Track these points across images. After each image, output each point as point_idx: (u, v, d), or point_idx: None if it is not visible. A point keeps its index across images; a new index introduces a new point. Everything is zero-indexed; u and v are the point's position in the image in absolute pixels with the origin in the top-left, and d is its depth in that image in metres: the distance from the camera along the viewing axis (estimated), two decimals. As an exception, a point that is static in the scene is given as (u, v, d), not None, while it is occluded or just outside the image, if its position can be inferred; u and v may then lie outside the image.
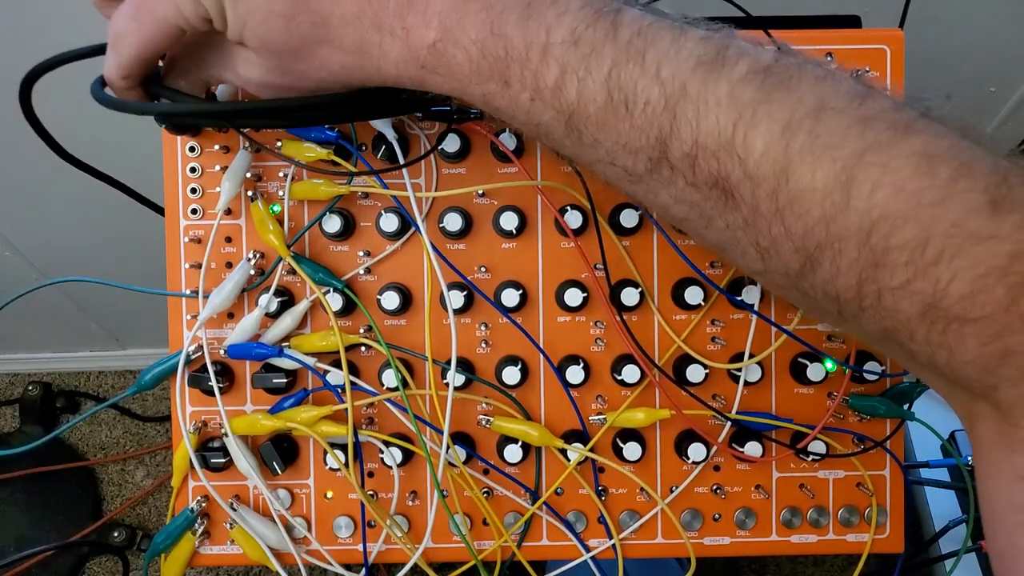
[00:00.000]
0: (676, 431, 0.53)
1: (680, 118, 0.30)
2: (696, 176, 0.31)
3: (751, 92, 0.29)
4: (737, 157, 0.30)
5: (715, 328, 0.52)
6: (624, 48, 0.31)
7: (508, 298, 0.50)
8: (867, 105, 0.29)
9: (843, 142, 0.28)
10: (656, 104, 0.30)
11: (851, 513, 0.53)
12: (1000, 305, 0.27)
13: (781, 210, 0.30)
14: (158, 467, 1.47)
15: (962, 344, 0.28)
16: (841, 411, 0.52)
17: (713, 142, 0.30)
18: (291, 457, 0.53)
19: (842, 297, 0.31)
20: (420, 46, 0.33)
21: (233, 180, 0.49)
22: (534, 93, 0.32)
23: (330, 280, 0.50)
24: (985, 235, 0.27)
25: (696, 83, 0.30)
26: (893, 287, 0.29)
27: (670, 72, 0.30)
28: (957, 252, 0.27)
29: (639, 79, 0.30)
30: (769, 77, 0.30)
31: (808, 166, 0.29)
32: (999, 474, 0.30)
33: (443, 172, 0.51)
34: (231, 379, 0.52)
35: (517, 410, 0.52)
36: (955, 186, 0.27)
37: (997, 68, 0.83)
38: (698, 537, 0.53)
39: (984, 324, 0.27)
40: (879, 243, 0.28)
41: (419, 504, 0.53)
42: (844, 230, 0.29)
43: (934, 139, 0.28)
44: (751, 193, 0.30)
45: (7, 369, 1.52)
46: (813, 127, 0.29)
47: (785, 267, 0.31)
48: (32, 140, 0.44)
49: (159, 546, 0.52)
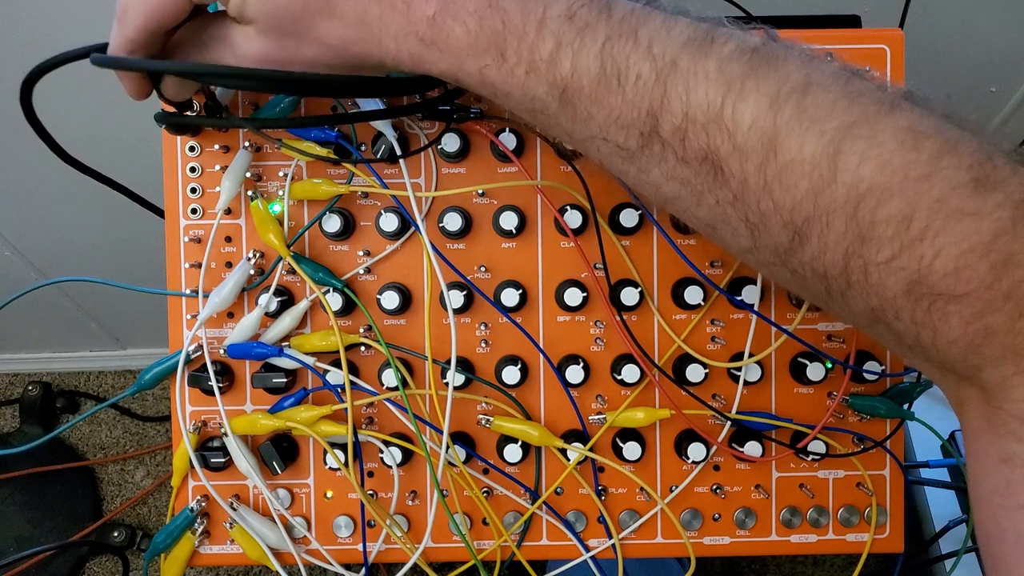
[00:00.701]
0: (676, 431, 0.53)
1: (671, 91, 0.31)
2: (686, 150, 0.32)
3: (739, 67, 0.30)
4: (726, 130, 0.30)
5: (715, 328, 0.52)
6: (618, 25, 0.32)
7: (508, 298, 0.50)
8: (853, 83, 0.30)
9: (830, 115, 0.29)
10: (647, 78, 0.31)
11: (851, 513, 0.53)
12: (983, 282, 0.27)
13: (769, 183, 0.30)
14: (158, 467, 1.47)
15: (946, 323, 0.29)
16: (841, 411, 0.52)
17: (703, 115, 0.30)
18: (291, 457, 0.53)
19: (829, 273, 0.31)
20: (420, 18, 0.34)
21: (233, 180, 0.49)
22: (529, 66, 0.33)
23: (330, 280, 0.50)
24: (968, 212, 0.27)
25: (686, 58, 0.31)
26: (879, 262, 0.29)
27: (661, 48, 0.31)
28: (941, 228, 0.27)
29: (631, 53, 0.31)
30: (756, 55, 0.30)
31: (796, 138, 0.29)
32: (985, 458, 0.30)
33: (443, 172, 0.51)
34: (231, 379, 0.52)
35: (517, 410, 0.52)
36: (940, 162, 0.28)
37: (997, 68, 0.83)
38: (698, 537, 0.53)
39: (967, 302, 0.28)
40: (866, 216, 0.28)
41: (419, 504, 0.53)
42: (831, 203, 0.29)
43: (919, 117, 0.29)
44: (740, 166, 0.30)
45: (7, 369, 1.52)
46: (800, 100, 0.29)
47: (774, 243, 0.32)
48: (32, 140, 0.44)
49: (159, 546, 0.52)
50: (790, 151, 0.29)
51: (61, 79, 0.41)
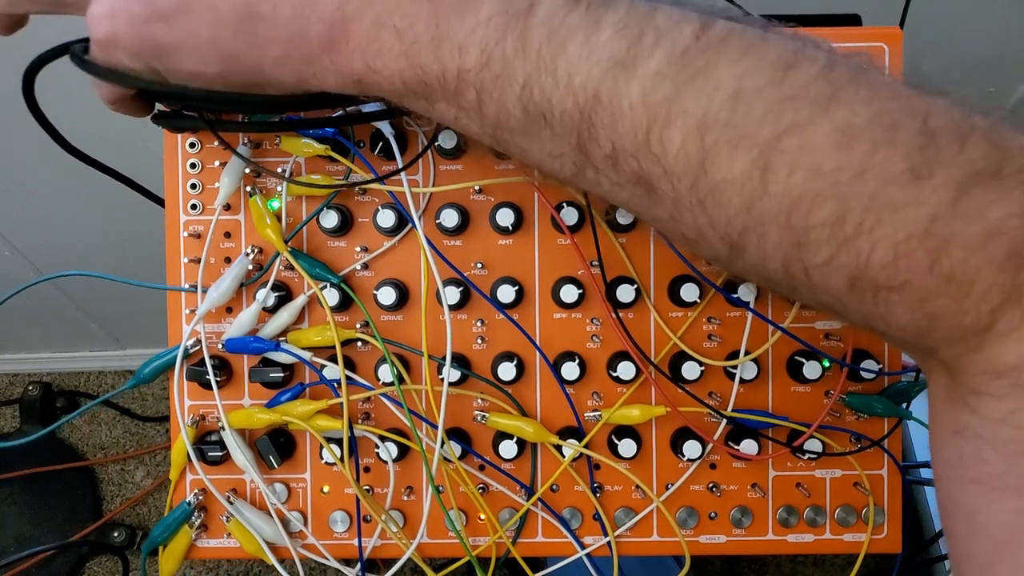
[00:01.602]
0: (672, 428, 0.53)
1: (596, 124, 0.30)
2: (619, 175, 0.32)
3: (664, 89, 0.29)
4: (654, 156, 0.30)
5: (711, 325, 0.52)
6: (534, 61, 0.31)
7: (504, 294, 0.50)
8: (789, 79, 0.28)
9: (759, 128, 0.28)
10: (571, 113, 0.31)
11: (848, 513, 0.53)
12: (922, 269, 0.27)
13: (702, 200, 0.30)
14: (158, 467, 1.47)
15: (892, 312, 0.29)
16: (838, 409, 0.52)
17: (630, 144, 0.30)
18: (287, 451, 0.53)
19: (773, 278, 0.31)
20: (350, 76, 0.35)
21: (232, 176, 0.49)
22: (458, 111, 0.34)
23: (327, 275, 0.50)
24: (903, 202, 0.27)
25: (608, 87, 0.30)
26: (818, 264, 0.29)
27: (582, 80, 0.30)
28: (876, 222, 0.27)
29: (552, 92, 0.31)
30: (685, 68, 0.29)
31: (725, 157, 0.29)
32: (941, 430, 0.30)
33: (440, 168, 0.51)
34: (229, 373, 0.52)
35: (513, 406, 0.52)
36: (873, 158, 0.27)
37: (997, 68, 0.83)
38: (693, 535, 0.53)
39: (908, 290, 0.28)
40: (799, 223, 0.28)
41: (414, 499, 0.53)
42: (764, 214, 0.29)
43: (859, 107, 0.28)
44: (672, 187, 0.30)
45: (7, 369, 1.52)
46: (729, 117, 0.28)
47: (714, 254, 0.32)
48: (32, 139, 0.44)
49: (157, 539, 0.52)
50: (720, 170, 0.29)
51: (61, 78, 0.41)
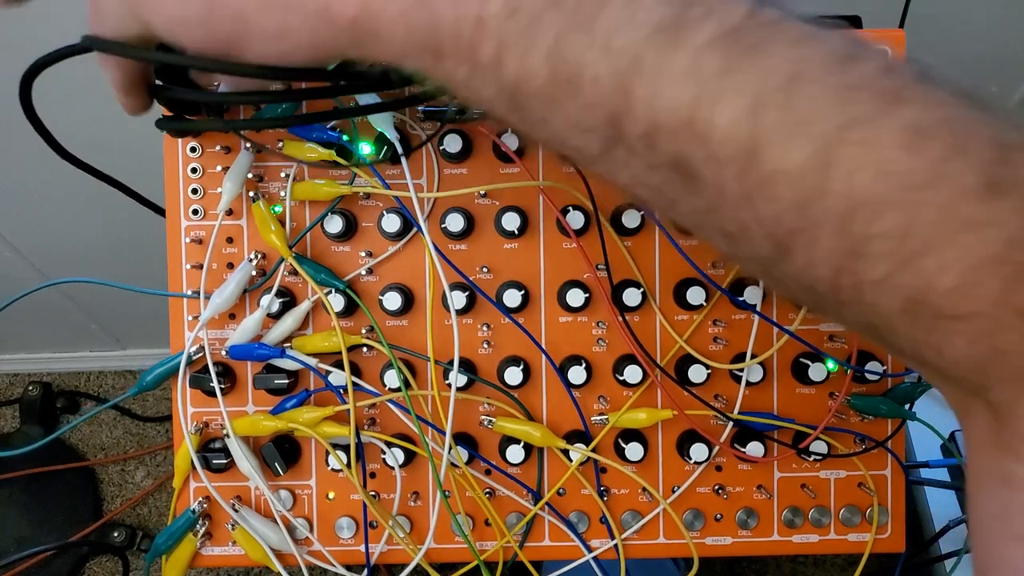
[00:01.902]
0: (678, 431, 0.53)
1: (634, 95, 0.26)
2: (655, 157, 0.28)
3: (714, 61, 0.26)
4: (699, 136, 0.26)
5: (717, 328, 0.52)
6: (571, 14, 0.26)
7: (510, 298, 0.50)
8: (851, 71, 0.26)
9: (821, 117, 0.25)
10: (606, 80, 0.27)
11: (852, 513, 0.53)
12: (992, 299, 0.24)
13: (749, 193, 0.26)
14: (158, 467, 1.47)
15: (950, 343, 0.26)
16: (843, 411, 0.52)
17: (672, 120, 0.26)
18: (293, 458, 0.53)
19: (817, 289, 0.28)
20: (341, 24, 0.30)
21: (235, 180, 0.49)
22: (471, 68, 0.29)
23: (332, 281, 0.50)
24: (978, 221, 0.24)
25: (651, 53, 0.26)
26: (873, 280, 0.26)
27: (622, 42, 0.26)
28: (946, 241, 0.24)
29: (587, 51, 0.27)
30: (737, 42, 0.26)
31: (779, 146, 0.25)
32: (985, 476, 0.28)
33: (445, 172, 0.51)
34: (232, 380, 0.52)
35: (519, 410, 0.52)
36: (946, 166, 0.24)
37: (997, 68, 0.83)
38: (700, 537, 0.53)
39: (974, 321, 0.25)
40: (859, 230, 0.25)
41: (421, 505, 0.53)
42: (820, 215, 0.25)
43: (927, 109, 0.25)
44: (715, 175, 0.27)
45: (7, 369, 1.52)
46: (786, 100, 0.25)
47: (755, 253, 0.28)
48: (32, 141, 0.44)
49: (160, 547, 0.52)
50: (773, 160, 0.25)
51: (61, 79, 0.41)
